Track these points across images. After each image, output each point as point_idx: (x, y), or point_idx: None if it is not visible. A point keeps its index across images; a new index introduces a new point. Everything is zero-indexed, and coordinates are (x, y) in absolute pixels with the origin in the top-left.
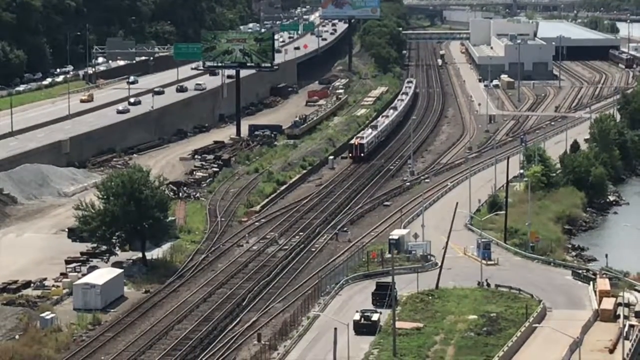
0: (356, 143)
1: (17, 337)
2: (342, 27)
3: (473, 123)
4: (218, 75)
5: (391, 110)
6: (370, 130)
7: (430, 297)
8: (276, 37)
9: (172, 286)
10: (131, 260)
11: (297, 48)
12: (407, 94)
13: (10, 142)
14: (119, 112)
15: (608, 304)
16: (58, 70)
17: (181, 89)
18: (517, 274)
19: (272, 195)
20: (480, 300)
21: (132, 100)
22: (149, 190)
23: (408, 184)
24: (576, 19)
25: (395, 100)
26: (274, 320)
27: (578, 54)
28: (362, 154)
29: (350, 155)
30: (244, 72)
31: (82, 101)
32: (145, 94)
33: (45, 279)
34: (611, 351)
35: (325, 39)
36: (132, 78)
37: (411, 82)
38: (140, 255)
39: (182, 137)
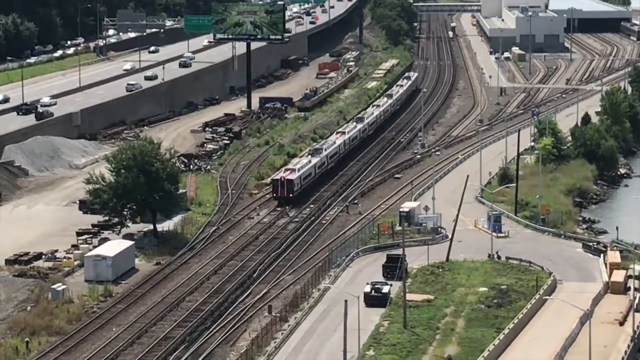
0: (282, 179)
1: (28, 308)
2: None
3: (484, 95)
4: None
5: (353, 124)
6: (308, 157)
7: (440, 270)
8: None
9: (182, 258)
10: (142, 233)
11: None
12: (391, 96)
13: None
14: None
15: (618, 276)
16: (69, 42)
17: None
18: (528, 246)
19: (283, 168)
20: (491, 272)
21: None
22: (159, 163)
23: (419, 156)
24: None
25: (370, 107)
26: (285, 292)
27: (589, 26)
28: (291, 194)
29: (274, 195)
30: (254, 45)
31: None
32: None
33: (56, 251)
34: (621, 323)
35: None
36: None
37: (409, 77)
38: (151, 227)
39: (193, 110)
